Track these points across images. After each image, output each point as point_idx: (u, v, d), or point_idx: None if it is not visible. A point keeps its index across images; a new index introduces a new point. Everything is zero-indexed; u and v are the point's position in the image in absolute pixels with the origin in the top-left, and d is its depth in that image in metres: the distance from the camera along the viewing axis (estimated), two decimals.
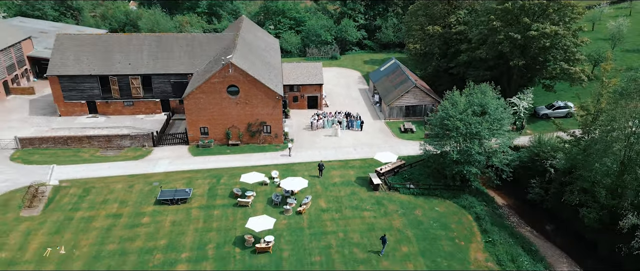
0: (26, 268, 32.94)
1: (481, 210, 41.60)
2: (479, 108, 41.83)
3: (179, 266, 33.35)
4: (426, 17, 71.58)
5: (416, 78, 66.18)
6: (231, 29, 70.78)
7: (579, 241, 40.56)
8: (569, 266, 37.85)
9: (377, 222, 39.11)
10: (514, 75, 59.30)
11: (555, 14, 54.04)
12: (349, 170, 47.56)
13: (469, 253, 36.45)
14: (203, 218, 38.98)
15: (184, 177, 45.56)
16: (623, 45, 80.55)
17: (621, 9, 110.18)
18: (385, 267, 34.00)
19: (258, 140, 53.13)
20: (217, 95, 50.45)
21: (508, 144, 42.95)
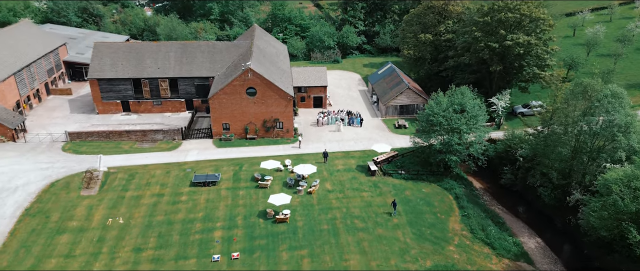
0: (94, 233, 41.48)
1: (460, 191, 50.19)
2: (458, 106, 50.37)
3: (216, 232, 41.90)
4: (419, 26, 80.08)
5: (409, 80, 74.71)
6: (245, 37, 79.28)
7: (540, 216, 49.16)
8: (529, 236, 46.42)
9: (374, 200, 47.65)
10: (494, 78, 67.89)
11: (529, 26, 62.51)
12: (350, 160, 56.10)
13: (448, 224, 45.02)
14: (231, 196, 47.54)
15: (211, 165, 54.11)
16: (599, 50, 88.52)
17: (602, 15, 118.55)
18: (380, 234, 42.54)
19: (272, 135, 61.70)
20: (237, 96, 59.03)
21: (483, 137, 51.47)
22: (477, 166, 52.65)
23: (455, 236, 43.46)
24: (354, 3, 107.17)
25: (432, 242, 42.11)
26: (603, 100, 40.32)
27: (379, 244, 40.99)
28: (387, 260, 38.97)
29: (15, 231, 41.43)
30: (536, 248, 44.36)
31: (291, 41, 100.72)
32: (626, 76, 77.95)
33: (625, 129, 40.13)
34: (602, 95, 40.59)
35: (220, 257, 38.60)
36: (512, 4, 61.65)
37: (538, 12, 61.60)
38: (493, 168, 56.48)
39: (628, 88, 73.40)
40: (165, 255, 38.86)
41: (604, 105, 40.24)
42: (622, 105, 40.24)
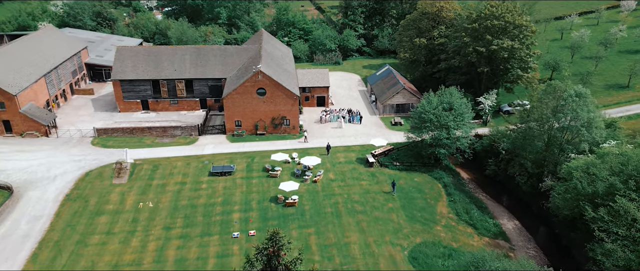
0: (128, 215, 47.81)
1: (448, 180, 56.51)
2: (447, 105, 56.62)
3: (234, 214, 48.22)
4: (414, 30, 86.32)
5: (405, 81, 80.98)
6: (253, 41, 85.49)
7: (518, 202, 55.51)
8: (508, 218, 52.74)
9: (371, 188, 53.96)
10: (482, 80, 74.17)
11: (513, 32, 68.72)
12: (351, 153, 62.41)
13: (436, 208, 51.35)
14: (245, 184, 53.85)
15: (226, 157, 60.43)
16: (583, 52, 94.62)
17: (590, 18, 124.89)
18: (377, 216, 48.84)
19: (280, 131, 67.98)
20: (248, 95, 65.34)
21: (469, 132, 57.76)
22: (464, 158, 59.01)
23: (442, 218, 49.77)
24: (354, 8, 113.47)
25: (422, 223, 48.42)
26: (568, 100, 46.60)
27: (376, 224, 47.30)
28: (382, 237, 45.28)
29: (60, 213, 47.77)
30: (513, 229, 50.67)
31: (295, 44, 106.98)
32: (605, 77, 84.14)
33: (588, 125, 46.44)
34: (567, 95, 46.87)
35: (239, 234, 44.94)
36: (497, 13, 67.93)
37: (521, 20, 67.89)
38: (479, 160, 62.83)
39: (606, 89, 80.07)
40: (192, 232, 45.20)
41: (569, 103, 46.53)
42: (586, 104, 46.53)
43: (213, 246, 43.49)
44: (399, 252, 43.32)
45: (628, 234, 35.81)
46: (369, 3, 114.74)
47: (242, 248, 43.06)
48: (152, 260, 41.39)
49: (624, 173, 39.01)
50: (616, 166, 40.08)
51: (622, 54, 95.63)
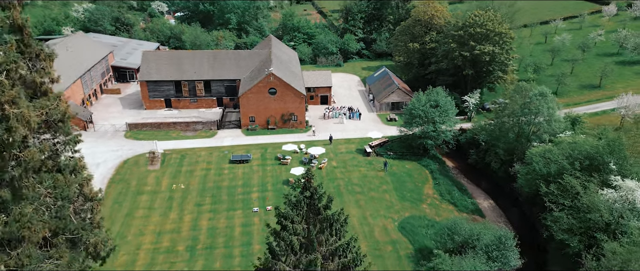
0: (164, 194, 57.12)
1: (434, 167, 65.76)
2: (434, 102, 65.84)
3: (253, 195, 57.50)
4: (408, 36, 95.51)
5: (400, 82, 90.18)
6: (262, 45, 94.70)
7: (494, 185, 64.71)
8: (485, 198, 61.98)
9: (368, 174, 63.18)
10: (468, 80, 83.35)
11: (494, 38, 77.86)
12: (351, 145, 71.66)
13: (423, 189, 60.59)
14: (261, 170, 63.14)
15: (243, 148, 69.71)
16: (563, 55, 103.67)
17: (573, 23, 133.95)
18: (372, 195, 58.06)
19: (288, 125, 77.23)
20: (261, 94, 74.59)
21: (453, 126, 66.98)
22: (449, 148, 68.28)
23: (428, 198, 59.03)
24: (354, 14, 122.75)
25: (410, 202, 57.68)
26: (533, 98, 55.82)
27: (372, 202, 56.57)
28: (377, 212, 54.56)
29: (107, 193, 57.06)
30: (488, 207, 59.90)
31: (300, 47, 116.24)
32: (580, 78, 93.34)
33: (548, 119, 55.64)
34: (532, 94, 56.10)
35: (258, 209, 54.24)
36: (480, 21, 77.13)
37: (501, 28, 77.07)
38: (463, 151, 72.09)
39: (580, 88, 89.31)
40: (219, 208, 54.52)
41: (534, 101, 55.74)
42: (547, 101, 55.74)
43: (237, 218, 52.79)
44: (391, 223, 52.63)
45: (572, 204, 45.02)
46: (367, 10, 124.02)
47: (261, 219, 52.34)
48: (189, 229, 50.73)
49: (572, 157, 48.23)
50: (567, 151, 49.31)
51: (599, 57, 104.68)
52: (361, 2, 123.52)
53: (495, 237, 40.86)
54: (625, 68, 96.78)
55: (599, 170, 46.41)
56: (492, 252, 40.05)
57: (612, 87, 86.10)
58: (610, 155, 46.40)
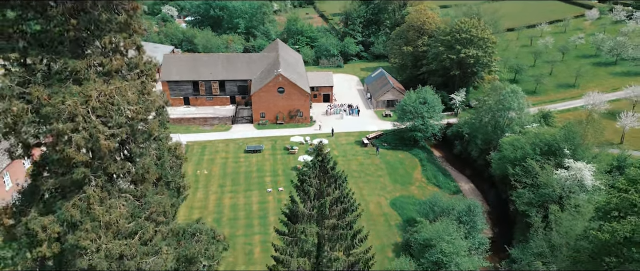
0: (190, 178, 66.68)
1: (423, 156, 75.39)
2: (422, 99, 75.43)
3: (266, 178, 67.13)
4: (402, 40, 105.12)
5: (395, 82, 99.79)
6: (270, 49, 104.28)
7: (474, 172, 74.32)
8: (466, 182, 71.63)
9: (365, 161, 72.79)
10: (455, 80, 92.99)
11: (478, 43, 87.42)
12: (350, 137, 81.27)
13: (413, 174, 70.23)
14: (272, 159, 72.79)
15: (255, 140, 79.37)
16: (545, 57, 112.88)
17: (558, 26, 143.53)
18: (369, 179, 67.63)
19: (295, 120, 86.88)
20: (271, 93, 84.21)
21: (439, 120, 76.58)
22: (436, 140, 77.94)
23: (416, 181, 68.68)
24: (353, 18, 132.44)
25: (401, 184, 67.33)
26: (506, 95, 65.46)
27: (368, 184, 66.21)
28: (372, 192, 64.21)
29: None
30: (468, 189, 69.55)
31: (303, 50, 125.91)
32: (558, 78, 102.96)
33: (518, 113, 65.27)
34: (505, 92, 65.73)
35: (272, 190, 63.91)
36: (465, 28, 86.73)
37: (483, 33, 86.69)
38: (450, 142, 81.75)
39: (557, 88, 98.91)
40: (238, 189, 64.17)
41: (506, 97, 65.38)
42: (517, 98, 65.34)
43: (254, 197, 62.47)
44: (384, 200, 62.31)
45: (532, 183, 54.62)
46: (366, 14, 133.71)
47: (275, 198, 62.02)
48: (214, 205, 60.43)
49: (534, 144, 57.85)
50: (531, 140, 58.93)
51: (578, 58, 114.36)
52: (360, 8, 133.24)
53: (466, 206, 50.55)
54: (600, 69, 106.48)
55: (555, 155, 56.02)
56: (462, 217, 49.69)
57: (586, 86, 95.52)
58: (565, 142, 56.01)
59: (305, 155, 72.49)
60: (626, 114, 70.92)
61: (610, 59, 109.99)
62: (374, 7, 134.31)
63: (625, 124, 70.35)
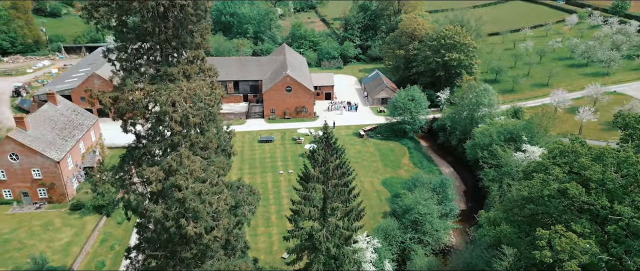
0: None
1: (411, 145, 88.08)
2: (410, 96, 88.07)
3: (278, 163, 79.82)
4: (396, 44, 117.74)
5: (388, 82, 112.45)
6: (277, 52, 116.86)
7: (455, 158, 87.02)
8: (446, 166, 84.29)
9: (362, 150, 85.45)
10: (441, 80, 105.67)
11: (460, 47, 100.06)
12: (349, 130, 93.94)
13: (401, 160, 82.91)
14: (282, 147, 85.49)
15: (267, 132, 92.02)
16: (524, 59, 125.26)
17: (540, 31, 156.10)
18: (364, 164, 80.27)
19: (301, 115, 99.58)
20: (280, 91, 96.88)
21: (425, 114, 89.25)
22: (423, 132, 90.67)
23: (404, 166, 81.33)
24: (352, 24, 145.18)
25: (391, 168, 79.97)
26: (479, 92, 78.09)
27: (363, 168, 78.82)
28: (367, 174, 76.84)
29: None
30: (448, 172, 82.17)
31: (306, 53, 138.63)
32: (535, 78, 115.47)
33: (489, 107, 77.91)
34: (479, 90, 78.36)
35: (283, 172, 76.58)
36: (449, 34, 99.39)
37: (465, 39, 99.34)
38: (435, 134, 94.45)
39: (532, 87, 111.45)
40: (255, 171, 76.87)
41: (479, 94, 78.01)
42: (488, 95, 77.96)
43: (269, 178, 75.19)
44: (376, 180, 74.98)
45: (496, 164, 67.26)
46: (363, 20, 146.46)
47: (286, 179, 74.67)
48: None
49: (499, 133, 70.50)
50: (497, 129, 71.57)
51: (554, 60, 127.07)
52: (358, 14, 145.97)
53: (439, 180, 63.30)
54: (572, 70, 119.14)
55: (516, 141, 68.70)
56: (436, 188, 62.36)
57: (558, 85, 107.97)
58: (523, 131, 68.68)
59: (311, 144, 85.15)
60: (584, 109, 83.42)
61: (582, 61, 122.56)
62: (371, 14, 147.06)
63: (583, 118, 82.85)
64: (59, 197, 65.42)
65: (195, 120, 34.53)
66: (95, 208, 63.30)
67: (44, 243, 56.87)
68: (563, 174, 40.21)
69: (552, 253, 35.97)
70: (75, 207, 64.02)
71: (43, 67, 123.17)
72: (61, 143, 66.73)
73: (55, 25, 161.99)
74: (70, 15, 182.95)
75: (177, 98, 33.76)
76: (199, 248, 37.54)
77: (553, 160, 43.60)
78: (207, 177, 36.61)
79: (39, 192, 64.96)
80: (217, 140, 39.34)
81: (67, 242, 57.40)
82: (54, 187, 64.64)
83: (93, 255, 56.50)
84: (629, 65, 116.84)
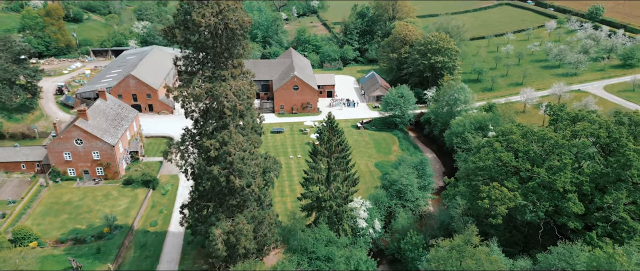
0: None
1: (400, 136, 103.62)
2: (400, 94, 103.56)
3: (288, 150, 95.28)
4: (389, 48, 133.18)
5: (383, 81, 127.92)
6: (285, 56, 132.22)
7: (437, 146, 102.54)
8: (430, 152, 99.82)
9: (359, 139, 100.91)
10: (428, 80, 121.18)
11: (445, 52, 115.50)
12: (348, 123, 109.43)
13: (392, 148, 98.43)
14: (291, 137, 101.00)
15: (278, 124, 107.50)
16: (505, 61, 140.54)
17: (522, 35, 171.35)
18: (361, 150, 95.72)
19: (306, 111, 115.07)
20: (288, 90, 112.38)
21: (413, 110, 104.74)
22: (411, 124, 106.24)
23: (394, 152, 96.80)
24: (351, 29, 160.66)
25: (383, 153, 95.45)
26: (456, 89, 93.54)
27: (360, 153, 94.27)
28: (363, 158, 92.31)
29: None
30: (431, 157, 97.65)
31: (310, 56, 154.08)
32: (512, 78, 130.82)
33: (463, 101, 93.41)
34: (456, 88, 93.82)
35: (293, 156, 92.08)
36: (434, 40, 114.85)
37: (448, 45, 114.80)
38: (421, 126, 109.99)
39: (509, 86, 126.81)
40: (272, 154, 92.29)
41: (456, 91, 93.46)
42: (464, 91, 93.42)
43: (281, 161, 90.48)
44: (370, 163, 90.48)
45: (467, 148, 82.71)
46: (361, 26, 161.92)
47: (295, 162, 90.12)
48: None
49: (471, 123, 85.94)
50: (470, 121, 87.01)
51: (531, 62, 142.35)
52: (357, 21, 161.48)
53: (419, 160, 78.87)
54: (545, 71, 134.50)
55: (483, 129, 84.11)
56: (417, 166, 77.83)
57: (531, 85, 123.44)
58: (490, 121, 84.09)
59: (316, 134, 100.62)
60: (545, 105, 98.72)
61: (555, 63, 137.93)
62: (368, 20, 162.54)
63: (545, 112, 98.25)
64: (113, 174, 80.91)
65: (241, 108, 50.13)
66: (143, 182, 78.86)
67: (108, 208, 72.38)
68: (501, 147, 55.74)
69: (490, 201, 51.47)
70: (127, 182, 79.55)
71: (76, 68, 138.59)
72: (113, 131, 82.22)
73: (78, 30, 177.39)
74: (91, 20, 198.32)
75: (227, 93, 49.23)
76: (241, 198, 53.27)
77: (496, 139, 59.12)
78: (247, 148, 52.16)
79: (97, 170, 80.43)
80: (252, 122, 54.78)
81: (125, 208, 72.91)
82: (109, 166, 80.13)
83: (146, 216, 72.02)
84: (594, 67, 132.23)
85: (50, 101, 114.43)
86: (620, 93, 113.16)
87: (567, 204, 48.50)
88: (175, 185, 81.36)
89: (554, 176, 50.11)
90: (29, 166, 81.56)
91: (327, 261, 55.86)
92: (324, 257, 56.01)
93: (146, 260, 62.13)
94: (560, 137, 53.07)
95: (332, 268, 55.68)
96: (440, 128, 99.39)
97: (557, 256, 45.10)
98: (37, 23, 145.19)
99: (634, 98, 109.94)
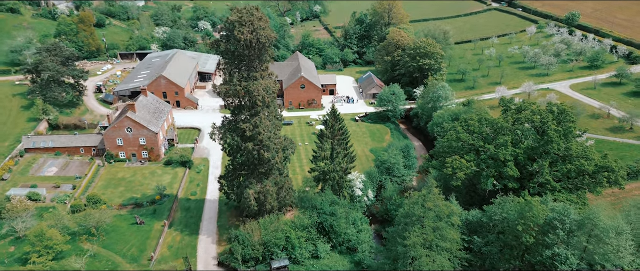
0: None
1: (392, 127, 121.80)
2: (392, 92, 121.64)
3: (297, 138, 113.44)
4: (384, 51, 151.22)
5: (378, 81, 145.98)
6: (292, 59, 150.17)
7: (424, 136, 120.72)
8: (417, 141, 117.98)
9: (356, 130, 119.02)
10: (418, 80, 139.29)
11: (431, 55, 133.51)
12: (347, 117, 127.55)
13: (384, 137, 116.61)
14: (299, 128, 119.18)
15: (287, 118, 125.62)
16: (487, 63, 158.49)
17: (504, 38, 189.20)
18: (358, 138, 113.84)
19: (312, 106, 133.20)
20: (296, 88, 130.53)
21: (403, 105, 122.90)
22: (402, 118, 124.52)
23: (386, 140, 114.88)
24: (351, 34, 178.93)
25: (377, 141, 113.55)
26: (438, 87, 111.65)
27: (357, 141, 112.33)
28: (359, 145, 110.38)
29: None
30: (418, 145, 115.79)
31: (314, 58, 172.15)
32: (491, 78, 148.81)
33: (444, 98, 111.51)
34: (438, 86, 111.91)
35: (302, 144, 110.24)
36: (422, 45, 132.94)
37: (434, 49, 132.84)
38: (410, 119, 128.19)
39: (488, 84, 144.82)
40: None
41: (438, 90, 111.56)
42: (444, 89, 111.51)
43: None
44: (366, 149, 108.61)
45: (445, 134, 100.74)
46: (360, 31, 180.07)
47: (304, 149, 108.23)
48: None
49: (448, 115, 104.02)
50: (449, 113, 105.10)
51: (511, 64, 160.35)
52: (356, 26, 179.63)
53: (404, 144, 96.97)
54: (522, 72, 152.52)
55: (459, 120, 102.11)
56: (403, 149, 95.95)
57: (507, 84, 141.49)
58: (464, 114, 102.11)
59: (319, 125, 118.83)
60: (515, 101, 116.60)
61: (530, 65, 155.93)
62: (366, 26, 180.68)
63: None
64: (155, 157, 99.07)
65: (268, 100, 68.30)
66: (181, 163, 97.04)
67: (155, 182, 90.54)
68: (462, 130, 73.92)
69: (452, 170, 69.65)
70: (167, 163, 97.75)
71: (108, 70, 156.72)
72: (155, 122, 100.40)
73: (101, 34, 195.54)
74: (112, 25, 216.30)
75: (259, 89, 67.43)
76: (267, 167, 71.49)
77: (459, 124, 77.37)
78: (271, 130, 70.38)
79: (142, 153, 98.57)
80: (275, 111, 72.97)
81: (169, 182, 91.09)
82: (153, 150, 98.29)
83: (186, 188, 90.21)
84: (564, 68, 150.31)
85: (91, 98, 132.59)
86: (583, 91, 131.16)
87: (506, 169, 66.71)
88: (206, 165, 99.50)
89: (498, 150, 68.31)
90: (86, 150, 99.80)
91: (331, 215, 73.96)
92: (329, 212, 74.11)
93: (191, 218, 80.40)
94: (504, 122, 71.28)
95: (335, 221, 73.79)
96: (425, 120, 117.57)
97: (496, 206, 63.22)
98: (71, 29, 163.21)
99: (593, 94, 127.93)
